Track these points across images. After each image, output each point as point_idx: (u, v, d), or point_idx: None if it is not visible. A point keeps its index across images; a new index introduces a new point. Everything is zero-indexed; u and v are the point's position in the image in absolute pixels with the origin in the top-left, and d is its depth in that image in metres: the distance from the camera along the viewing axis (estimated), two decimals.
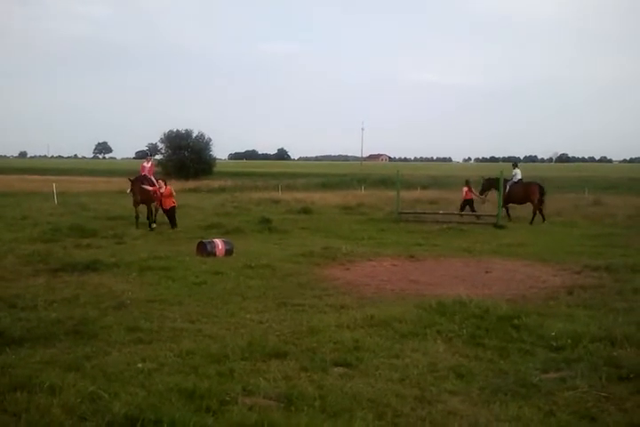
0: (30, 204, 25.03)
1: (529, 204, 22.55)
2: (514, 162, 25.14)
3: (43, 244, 14.11)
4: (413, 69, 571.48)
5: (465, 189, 23.39)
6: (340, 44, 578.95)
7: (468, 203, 23.24)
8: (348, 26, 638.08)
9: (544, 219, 21.85)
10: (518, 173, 23.19)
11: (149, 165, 20.48)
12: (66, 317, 7.21)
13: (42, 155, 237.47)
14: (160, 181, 18.97)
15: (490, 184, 23.45)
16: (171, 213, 18.49)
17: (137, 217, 18.57)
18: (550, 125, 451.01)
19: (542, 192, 22.22)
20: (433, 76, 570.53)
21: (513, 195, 22.53)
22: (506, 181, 22.52)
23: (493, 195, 23.76)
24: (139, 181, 18.76)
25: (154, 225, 18.70)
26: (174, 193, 18.94)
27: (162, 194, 18.44)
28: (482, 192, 23.95)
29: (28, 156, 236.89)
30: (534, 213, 21.99)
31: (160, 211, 19.09)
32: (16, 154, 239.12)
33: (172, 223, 18.50)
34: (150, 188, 18.62)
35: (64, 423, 4.26)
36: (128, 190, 19.18)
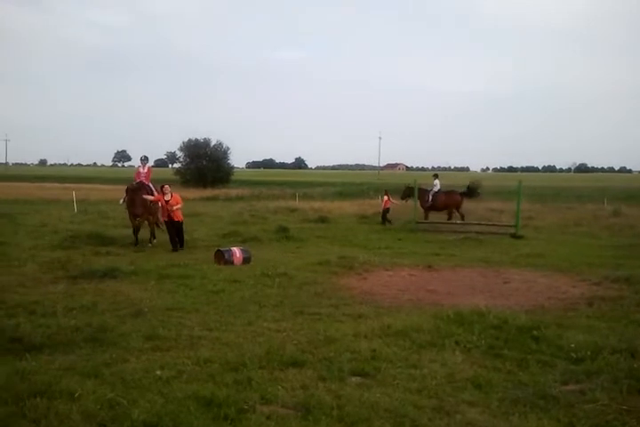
0: (50, 211, 25.28)
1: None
2: (434, 173, 27.73)
3: (62, 251, 14.27)
4: (431, 78, 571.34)
5: (385, 198, 24.51)
6: (358, 53, 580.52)
7: (386, 211, 24.39)
8: (366, 34, 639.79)
9: (449, 218, 24.20)
10: (438, 184, 24.99)
11: (146, 170, 17.33)
12: (85, 324, 7.26)
13: (62, 163, 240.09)
14: (165, 186, 15.78)
15: (410, 192, 24.91)
16: (180, 227, 15.49)
17: (136, 232, 16.27)
18: (569, 135, 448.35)
19: (462, 199, 24.70)
20: (451, 84, 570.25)
21: (437, 203, 24.42)
22: (426, 190, 24.64)
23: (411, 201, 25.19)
24: (138, 189, 16.26)
25: (154, 241, 16.68)
26: (182, 202, 15.94)
27: (168, 203, 15.32)
28: (403, 198, 25.39)
29: (48, 164, 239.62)
30: (450, 218, 24.21)
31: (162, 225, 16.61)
32: (36, 162, 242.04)
33: (181, 240, 15.53)
34: (152, 197, 15.93)
35: None
36: (121, 201, 17.12)
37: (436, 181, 24.94)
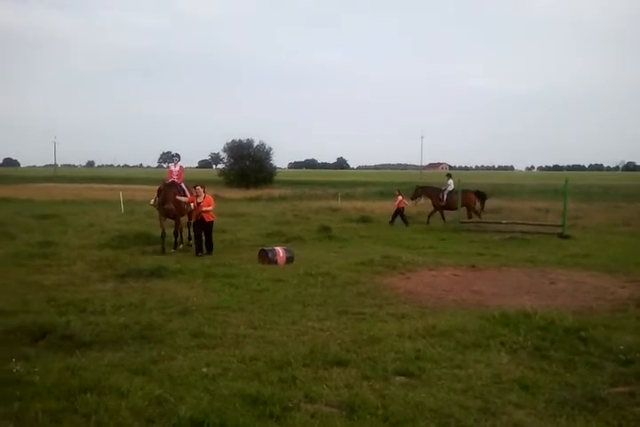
0: (98, 212, 25.82)
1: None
2: (448, 173, 27.52)
3: (110, 250, 14.57)
4: (474, 76, 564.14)
5: (399, 198, 24.15)
6: (400, 51, 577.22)
7: (400, 211, 24.08)
8: (405, 32, 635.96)
9: (469, 218, 23.82)
10: (452, 183, 24.78)
11: (177, 168, 16.17)
12: (133, 321, 7.41)
13: (109, 164, 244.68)
14: (198, 187, 14.95)
15: (422, 191, 25.54)
16: (209, 229, 14.79)
17: (164, 236, 15.15)
18: (617, 133, 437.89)
19: (482, 199, 24.42)
20: (494, 82, 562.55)
21: (451, 202, 24.08)
22: (439, 190, 24.75)
23: (424, 201, 26.04)
24: (171, 190, 15.33)
25: (181, 245, 15.96)
26: (213, 204, 15.18)
27: (199, 204, 14.70)
28: (413, 198, 25.66)
29: (96, 165, 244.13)
30: (470, 217, 23.97)
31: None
32: (84, 163, 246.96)
33: (209, 244, 14.75)
34: (185, 198, 15.15)
35: (132, 425, 4.37)
36: (152, 201, 16.30)
37: (450, 181, 24.94)
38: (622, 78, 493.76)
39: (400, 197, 24.10)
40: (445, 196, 24.43)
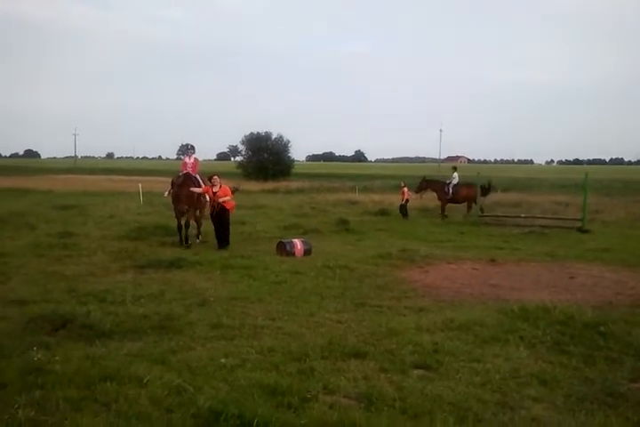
0: (117, 203, 25.94)
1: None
2: (453, 166, 27.13)
3: (130, 241, 14.66)
4: (493, 69, 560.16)
5: (405, 189, 24.19)
6: (417, 44, 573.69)
7: (406, 203, 24.22)
8: (426, 25, 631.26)
9: (468, 211, 23.96)
10: (457, 177, 24.63)
11: (192, 160, 15.60)
12: (152, 312, 7.47)
13: (128, 156, 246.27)
14: (214, 177, 14.49)
15: (427, 184, 25.29)
16: (226, 220, 14.35)
17: (180, 228, 14.73)
18: (638, 127, 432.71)
19: (486, 192, 24.19)
20: (514, 75, 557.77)
21: (457, 196, 24.26)
22: (444, 183, 24.62)
23: (428, 194, 25.79)
24: (185, 182, 14.78)
25: (197, 240, 15.42)
26: (231, 195, 14.66)
27: (215, 195, 14.30)
28: (417, 191, 25.33)
29: (115, 157, 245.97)
30: (469, 211, 24.04)
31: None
32: (104, 155, 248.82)
33: (225, 237, 14.31)
34: (199, 189, 14.71)
35: (151, 414, 4.39)
36: (166, 193, 15.97)
37: (455, 174, 24.67)
38: None
39: (406, 189, 24.09)
40: (451, 189, 24.33)
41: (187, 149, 16.26)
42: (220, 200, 14.19)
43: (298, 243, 13.33)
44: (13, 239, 14.73)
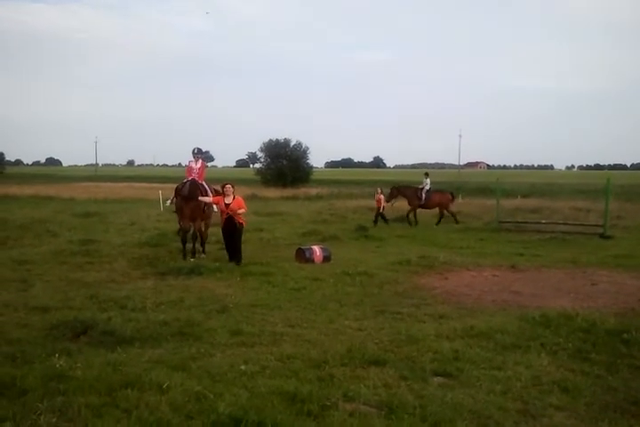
0: (138, 210, 26.17)
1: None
2: (425, 172, 27.55)
3: (150, 248, 14.75)
4: (513, 74, 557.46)
5: (381, 197, 23.83)
6: (436, 50, 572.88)
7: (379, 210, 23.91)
8: (443, 31, 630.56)
9: (439, 221, 24.13)
10: (428, 182, 24.88)
11: (199, 165, 14.07)
12: (172, 318, 7.51)
13: (148, 163, 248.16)
14: (228, 186, 12.97)
15: (397, 192, 25.07)
16: (239, 236, 12.84)
17: (185, 242, 13.56)
18: None
19: (453, 199, 25.08)
20: (533, 80, 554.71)
21: (430, 202, 24.38)
22: (416, 189, 24.74)
23: (399, 202, 25.51)
24: (191, 193, 13.27)
25: (202, 255, 13.94)
26: (245, 208, 13.14)
27: (228, 207, 12.79)
28: (388, 200, 24.73)
29: (136, 164, 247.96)
30: (442, 216, 24.30)
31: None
32: (124, 162, 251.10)
33: (235, 253, 12.73)
34: (208, 199, 13.35)
35: (172, 421, 4.40)
36: (168, 202, 14.89)
37: (427, 180, 24.87)
38: None
39: (382, 197, 23.84)
40: (424, 195, 24.40)
41: (195, 153, 14.11)
42: (239, 212, 12.85)
43: (317, 249, 13.33)
44: (35, 246, 14.91)
